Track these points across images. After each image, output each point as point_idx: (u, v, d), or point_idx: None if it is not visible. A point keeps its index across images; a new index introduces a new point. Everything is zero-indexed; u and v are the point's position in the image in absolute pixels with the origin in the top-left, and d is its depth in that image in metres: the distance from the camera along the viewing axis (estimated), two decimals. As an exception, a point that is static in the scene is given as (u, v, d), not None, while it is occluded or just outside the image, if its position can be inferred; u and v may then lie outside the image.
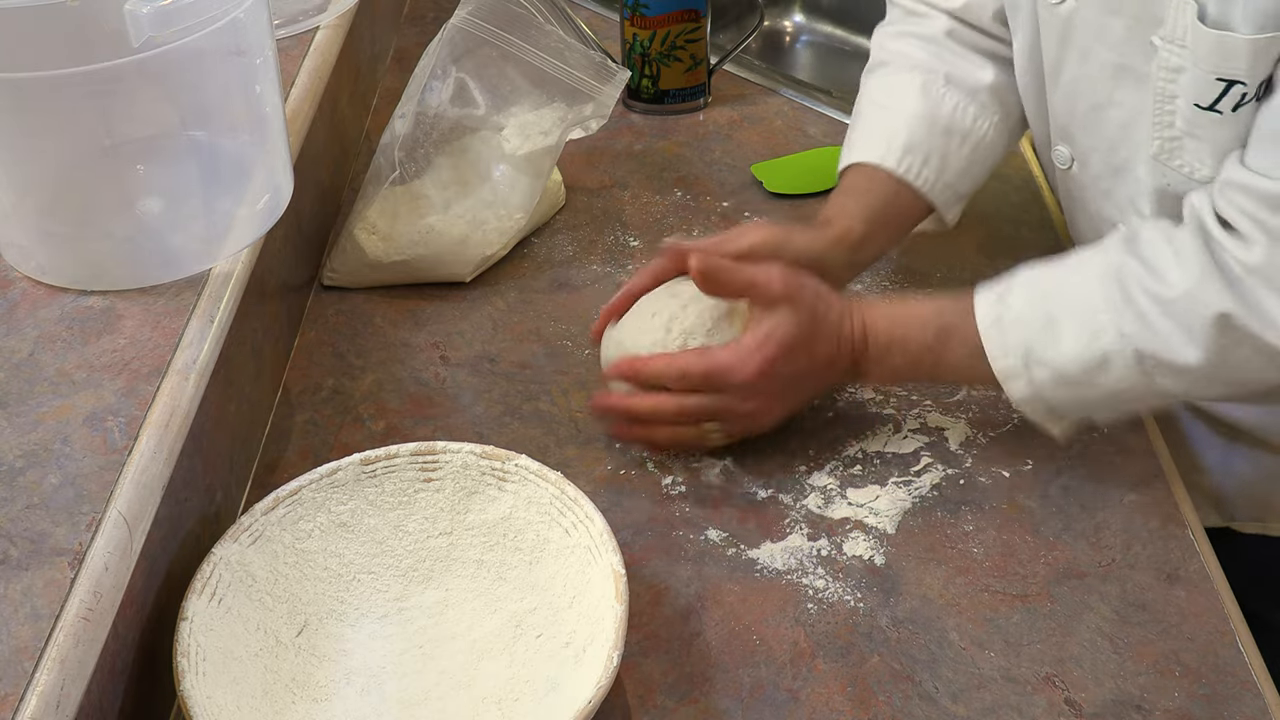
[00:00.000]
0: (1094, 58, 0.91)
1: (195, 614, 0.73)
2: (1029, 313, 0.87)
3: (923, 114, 1.02)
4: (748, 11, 1.60)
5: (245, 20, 0.83)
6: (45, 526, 0.67)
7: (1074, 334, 0.85)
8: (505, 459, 0.83)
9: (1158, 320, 0.82)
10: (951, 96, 1.03)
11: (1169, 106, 0.86)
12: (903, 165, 1.01)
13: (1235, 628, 0.81)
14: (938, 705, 0.77)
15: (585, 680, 0.72)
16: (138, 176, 0.87)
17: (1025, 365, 0.86)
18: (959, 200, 1.06)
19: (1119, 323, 0.83)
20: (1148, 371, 0.83)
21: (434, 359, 1.03)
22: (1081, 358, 0.84)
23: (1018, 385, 0.87)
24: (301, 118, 1.04)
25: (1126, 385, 0.84)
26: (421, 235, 1.07)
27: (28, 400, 0.75)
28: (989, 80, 1.04)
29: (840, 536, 0.87)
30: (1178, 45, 0.83)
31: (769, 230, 0.95)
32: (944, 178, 1.03)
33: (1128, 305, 0.83)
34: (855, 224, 0.99)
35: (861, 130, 1.05)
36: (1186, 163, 0.87)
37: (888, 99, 1.05)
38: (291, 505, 0.81)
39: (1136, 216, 0.94)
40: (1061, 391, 0.86)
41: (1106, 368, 0.84)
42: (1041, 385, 0.86)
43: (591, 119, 1.11)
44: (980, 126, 1.04)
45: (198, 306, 0.83)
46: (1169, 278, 0.82)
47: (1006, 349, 0.87)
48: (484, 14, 1.10)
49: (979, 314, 0.88)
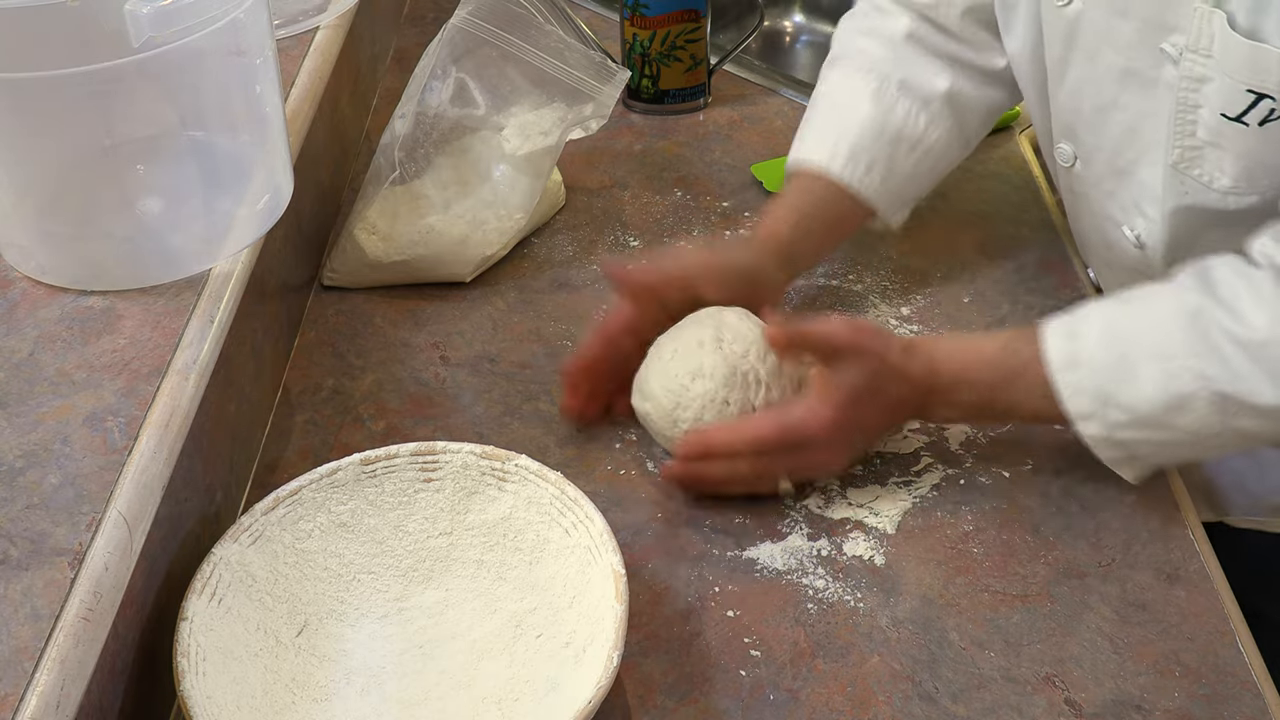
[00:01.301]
0: (1100, 60, 0.90)
1: (195, 614, 0.73)
2: (1104, 355, 0.84)
3: (872, 120, 1.03)
4: (748, 11, 1.60)
5: (245, 20, 0.83)
6: (45, 526, 0.67)
7: (1152, 377, 0.82)
8: (505, 459, 0.83)
9: (1240, 364, 0.80)
10: (903, 104, 1.04)
11: (1190, 116, 0.85)
12: (846, 171, 1.02)
13: (1235, 628, 0.81)
14: (938, 705, 0.77)
15: (585, 680, 0.72)
16: (138, 176, 0.87)
17: (1101, 406, 0.84)
18: (904, 205, 1.07)
19: (1200, 366, 0.81)
20: (1228, 413, 0.81)
21: (434, 359, 1.03)
22: (1159, 400, 0.82)
23: (1091, 426, 0.85)
24: (301, 118, 1.04)
25: (1204, 427, 0.82)
26: (421, 235, 1.07)
27: (28, 400, 0.75)
28: (944, 88, 1.05)
29: (840, 536, 0.87)
30: (1202, 55, 0.82)
31: (700, 253, 0.97)
32: (888, 184, 1.04)
33: (1209, 349, 0.81)
34: (782, 229, 1.00)
35: (812, 129, 1.06)
36: (1206, 172, 0.86)
37: (840, 98, 1.06)
38: (291, 505, 0.81)
39: (1140, 218, 0.94)
40: (1137, 433, 0.85)
41: (1185, 410, 0.82)
42: (1116, 426, 0.85)
43: (591, 119, 1.11)
44: (930, 135, 1.05)
45: (198, 306, 0.83)
46: (1251, 320, 0.80)
47: (1080, 390, 0.84)
48: (484, 14, 1.10)
49: (1050, 355, 0.85)
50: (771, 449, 0.86)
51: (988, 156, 1.27)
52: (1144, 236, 0.94)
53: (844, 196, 1.03)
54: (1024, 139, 1.31)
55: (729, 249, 0.99)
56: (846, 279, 1.10)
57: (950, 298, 1.08)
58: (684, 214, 1.19)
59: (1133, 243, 0.95)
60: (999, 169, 1.25)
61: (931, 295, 1.08)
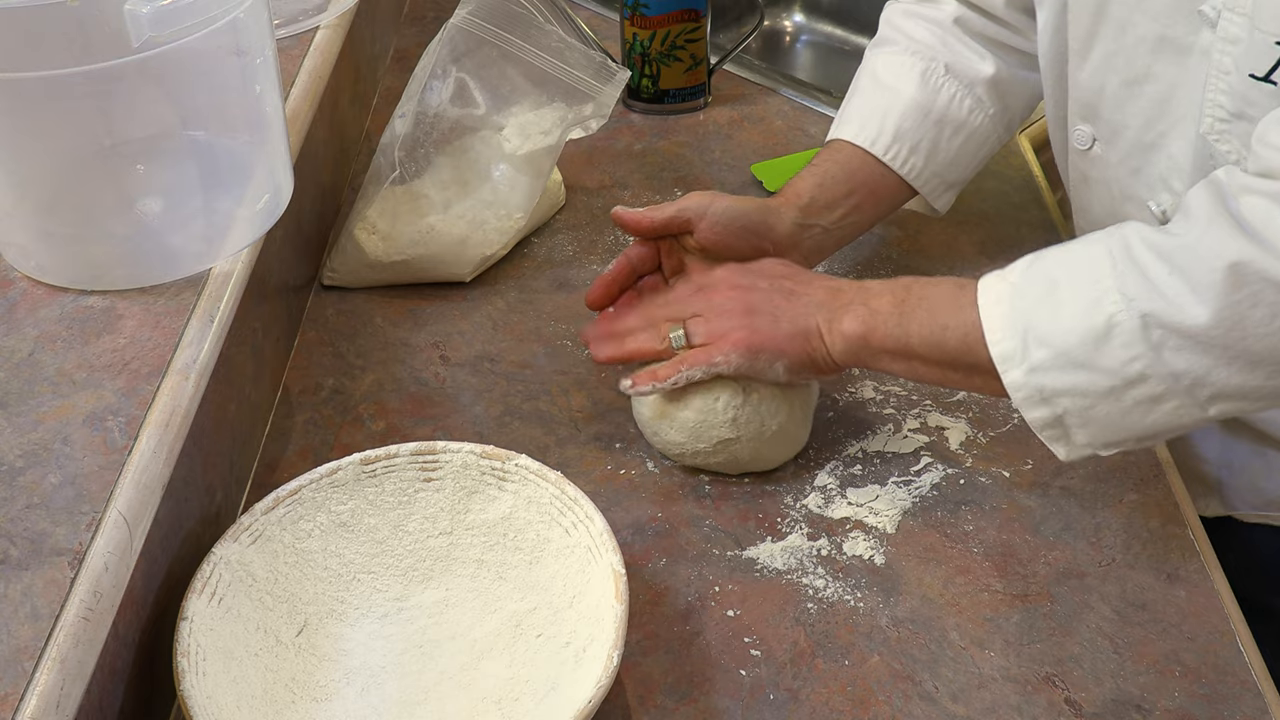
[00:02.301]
0: (1132, 30, 0.90)
1: (195, 614, 0.73)
2: (1029, 282, 0.81)
3: (918, 102, 1.04)
4: (748, 11, 1.60)
5: (245, 20, 0.83)
6: (45, 526, 0.67)
7: (1074, 303, 0.79)
8: (505, 459, 0.83)
9: (1162, 276, 0.76)
10: (949, 87, 1.05)
11: (1220, 83, 0.85)
12: (890, 152, 1.03)
13: (1235, 628, 0.81)
14: (938, 705, 0.77)
15: (585, 680, 0.72)
16: (138, 176, 0.87)
17: (1023, 345, 0.80)
18: (947, 189, 1.08)
19: (1122, 285, 0.77)
20: (1155, 344, 0.76)
21: (434, 359, 1.03)
22: (1081, 328, 0.78)
23: (1015, 373, 0.80)
24: (301, 118, 1.04)
25: (1131, 364, 0.77)
26: (421, 235, 1.07)
27: (28, 400, 0.75)
28: (989, 73, 1.06)
29: (840, 536, 0.87)
30: (1238, 14, 0.82)
31: (700, 194, 0.98)
32: (931, 166, 1.05)
33: (1131, 264, 0.78)
34: (804, 189, 1.02)
35: (856, 106, 1.07)
36: (1234, 149, 0.86)
37: (887, 79, 1.06)
38: (291, 505, 0.81)
39: (1166, 193, 0.93)
40: (1060, 378, 0.79)
41: (1109, 339, 0.77)
42: (1038, 368, 0.80)
43: (591, 119, 1.11)
44: (975, 119, 1.06)
45: (198, 306, 0.83)
46: (1175, 227, 0.78)
47: (1006, 327, 0.81)
48: (484, 14, 1.10)
49: (981, 290, 0.83)
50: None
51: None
52: (1170, 211, 0.93)
53: (884, 172, 1.04)
54: (1024, 139, 1.31)
55: (730, 198, 0.98)
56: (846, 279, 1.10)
57: (950, 298, 1.08)
58: (684, 214, 1.19)
59: (1158, 218, 0.94)
60: (999, 169, 1.25)
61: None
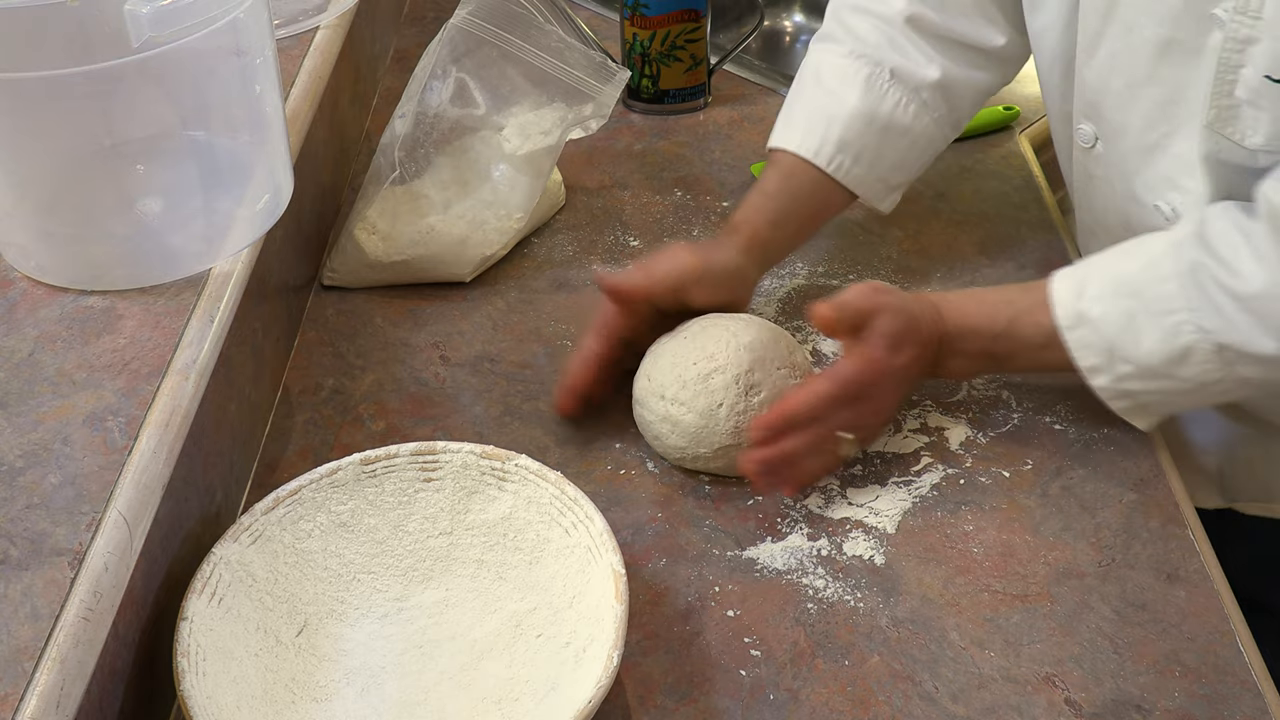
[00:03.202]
0: (1139, 32, 0.90)
1: (195, 614, 0.73)
2: (1108, 312, 0.88)
3: (862, 111, 1.04)
4: (748, 11, 1.60)
5: (245, 20, 0.83)
6: (45, 526, 0.67)
7: (1154, 332, 0.86)
8: (505, 459, 0.83)
9: (1236, 316, 0.83)
10: (894, 93, 1.05)
11: (1231, 76, 0.85)
12: (833, 163, 1.03)
13: (1235, 628, 0.81)
14: (938, 705, 0.77)
15: (585, 680, 0.72)
16: (138, 176, 0.87)
17: (1108, 361, 0.88)
18: (891, 191, 1.08)
19: (1198, 320, 0.85)
20: (1229, 362, 0.85)
21: (434, 359, 1.03)
22: (1162, 353, 0.86)
23: (1100, 379, 0.89)
24: (301, 118, 1.04)
25: (1207, 375, 0.86)
26: (421, 235, 1.07)
27: (28, 400, 0.75)
28: (935, 78, 1.05)
29: (840, 536, 0.87)
30: (1250, 16, 0.82)
31: (687, 258, 0.96)
32: (875, 172, 1.05)
33: (1206, 302, 0.85)
34: (761, 228, 1.01)
35: (800, 111, 1.06)
36: (1239, 130, 0.86)
37: (831, 83, 1.06)
38: (291, 505, 0.81)
39: (1174, 192, 0.94)
40: (1143, 384, 0.89)
41: (1188, 361, 0.86)
42: (1123, 378, 0.89)
43: (591, 119, 1.11)
44: (920, 123, 1.06)
45: (198, 306, 0.83)
46: (1244, 272, 0.83)
47: (1087, 346, 0.89)
48: (484, 14, 1.10)
49: (1058, 312, 0.90)
50: (834, 405, 0.88)
51: (987, 156, 1.27)
52: (1180, 209, 0.93)
53: (828, 186, 1.04)
54: (1024, 139, 1.31)
55: (714, 251, 0.99)
56: (847, 279, 1.10)
57: (950, 298, 1.08)
58: (684, 214, 1.19)
59: (1167, 217, 0.95)
60: (999, 169, 1.25)
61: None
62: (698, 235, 1.16)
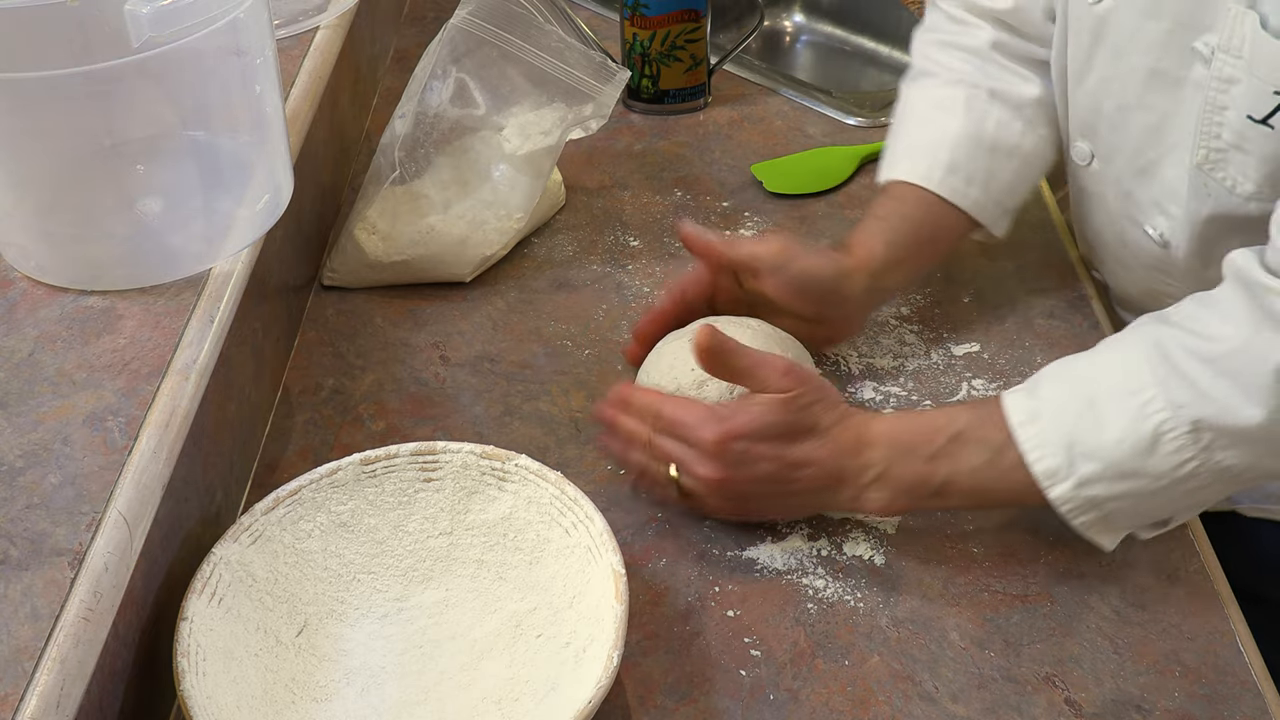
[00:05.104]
0: (1126, 60, 0.90)
1: (195, 614, 0.73)
2: (1065, 400, 0.80)
3: (967, 133, 1.01)
4: (748, 11, 1.60)
5: (245, 20, 0.83)
6: (45, 526, 0.67)
7: (1119, 416, 0.78)
8: (505, 459, 0.83)
9: (1211, 382, 0.76)
10: (995, 112, 1.02)
11: (1217, 118, 0.85)
12: (946, 187, 1.00)
13: (1235, 628, 0.81)
14: (938, 705, 0.77)
15: (585, 680, 0.72)
16: (138, 176, 0.87)
17: (1068, 460, 0.79)
18: (1006, 214, 1.05)
19: (1168, 394, 0.77)
20: (1205, 446, 0.77)
21: (434, 359, 1.03)
22: (1129, 441, 0.78)
23: (1062, 489, 0.80)
24: (301, 118, 1.04)
25: (1182, 466, 0.78)
26: (421, 235, 1.07)
27: (28, 400, 0.75)
28: (1034, 94, 1.03)
29: (840, 536, 0.87)
30: (1233, 56, 0.82)
31: (779, 245, 0.94)
32: (989, 195, 1.02)
33: (1173, 373, 0.77)
34: (877, 248, 0.97)
35: (905, 144, 1.04)
36: (1229, 176, 0.86)
37: (931, 112, 1.04)
38: (291, 505, 0.81)
39: (1162, 217, 0.93)
40: (1109, 487, 0.79)
41: (1158, 448, 0.77)
42: (1086, 481, 0.79)
43: (591, 119, 1.11)
44: (1026, 141, 1.03)
45: (198, 306, 0.83)
46: (1216, 334, 0.77)
47: (1044, 443, 0.80)
48: (484, 14, 1.10)
49: (1010, 412, 0.81)
50: (664, 428, 0.84)
51: (988, 156, 1.27)
52: (1167, 234, 0.94)
53: (945, 211, 1.01)
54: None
55: (810, 254, 0.94)
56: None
57: (950, 298, 1.08)
58: (684, 214, 1.19)
59: (1155, 241, 0.95)
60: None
61: (931, 295, 1.08)
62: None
